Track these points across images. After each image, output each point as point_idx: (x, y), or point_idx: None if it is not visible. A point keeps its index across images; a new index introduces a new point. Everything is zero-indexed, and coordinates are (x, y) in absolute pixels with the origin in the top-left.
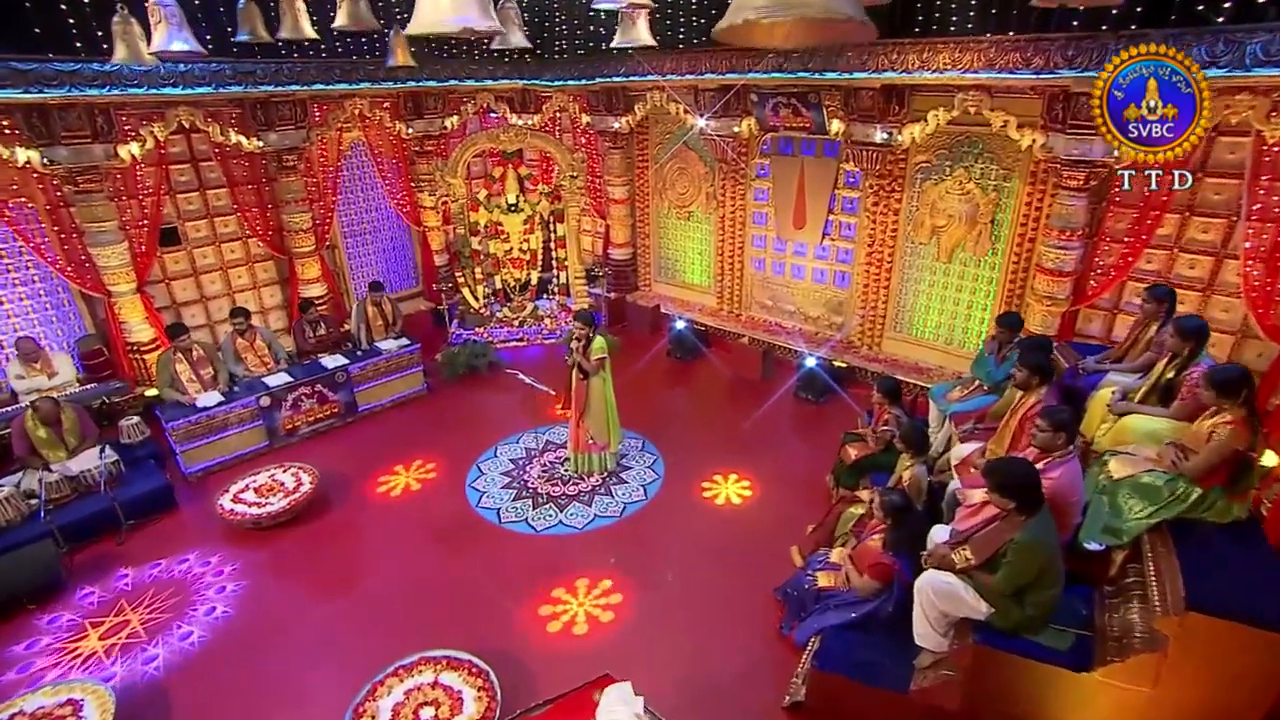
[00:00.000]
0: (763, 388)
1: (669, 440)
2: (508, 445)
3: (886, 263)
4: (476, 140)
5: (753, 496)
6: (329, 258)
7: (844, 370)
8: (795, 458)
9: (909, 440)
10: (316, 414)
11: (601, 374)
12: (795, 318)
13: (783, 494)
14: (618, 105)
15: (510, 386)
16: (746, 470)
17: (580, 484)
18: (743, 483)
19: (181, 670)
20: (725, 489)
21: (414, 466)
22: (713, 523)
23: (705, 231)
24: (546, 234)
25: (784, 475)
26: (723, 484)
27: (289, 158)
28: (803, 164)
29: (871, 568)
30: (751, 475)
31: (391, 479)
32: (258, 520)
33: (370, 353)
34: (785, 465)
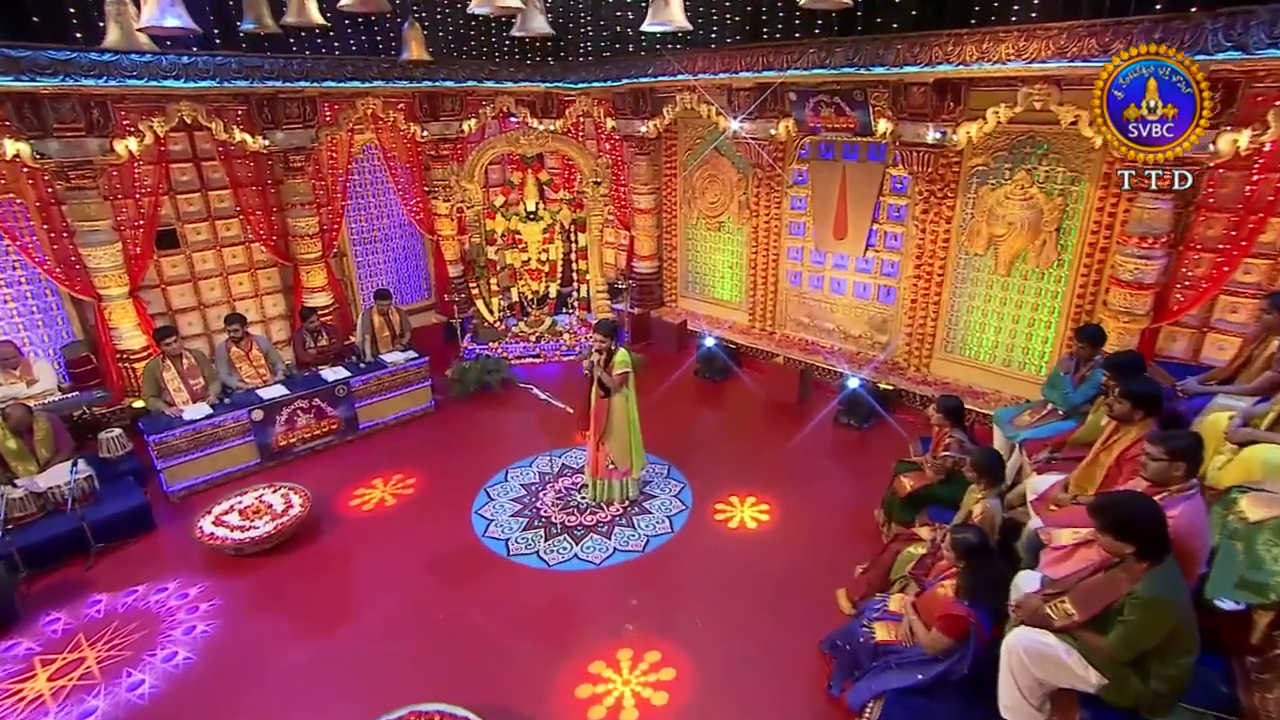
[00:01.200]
0: (800, 411)
1: (697, 467)
2: (519, 469)
3: (937, 276)
4: (495, 143)
5: (790, 532)
6: (336, 266)
7: (890, 393)
8: (838, 489)
9: (983, 468)
10: (313, 430)
11: (624, 391)
12: (834, 336)
13: (825, 529)
14: (645, 108)
15: (524, 405)
16: (783, 502)
17: (599, 514)
18: (779, 516)
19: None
20: (759, 522)
21: (416, 489)
22: (746, 560)
23: (737, 243)
24: (567, 245)
25: (825, 508)
26: (756, 516)
27: (296, 158)
28: (844, 169)
29: (942, 620)
30: (788, 508)
31: (388, 500)
32: (239, 546)
33: (374, 365)
34: (827, 497)
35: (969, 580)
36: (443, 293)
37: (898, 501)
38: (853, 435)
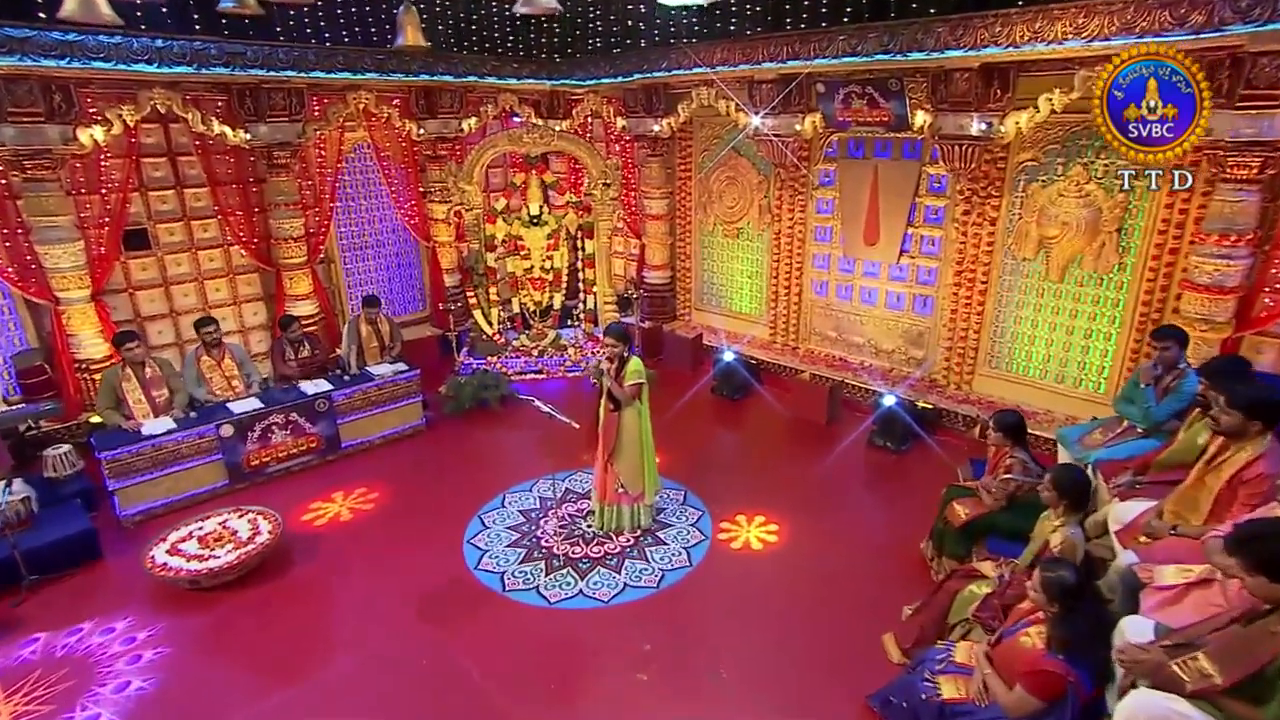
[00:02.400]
0: (829, 433)
1: (717, 492)
2: (518, 493)
3: (980, 284)
4: (496, 142)
5: (824, 567)
6: (323, 273)
7: (928, 412)
8: (875, 518)
9: (1066, 489)
10: (290, 449)
11: (636, 405)
12: (864, 351)
13: (862, 563)
14: (658, 105)
15: (525, 424)
16: (814, 533)
17: (607, 544)
18: (810, 549)
19: None
20: (786, 557)
21: (400, 515)
22: (775, 599)
23: (757, 251)
24: (573, 254)
25: (862, 539)
26: (785, 548)
27: (281, 154)
28: (876, 168)
29: (1030, 677)
30: (821, 539)
31: (369, 528)
32: (195, 579)
33: (360, 378)
34: (863, 527)
35: (1064, 629)
36: (438, 303)
37: (950, 532)
38: (889, 458)
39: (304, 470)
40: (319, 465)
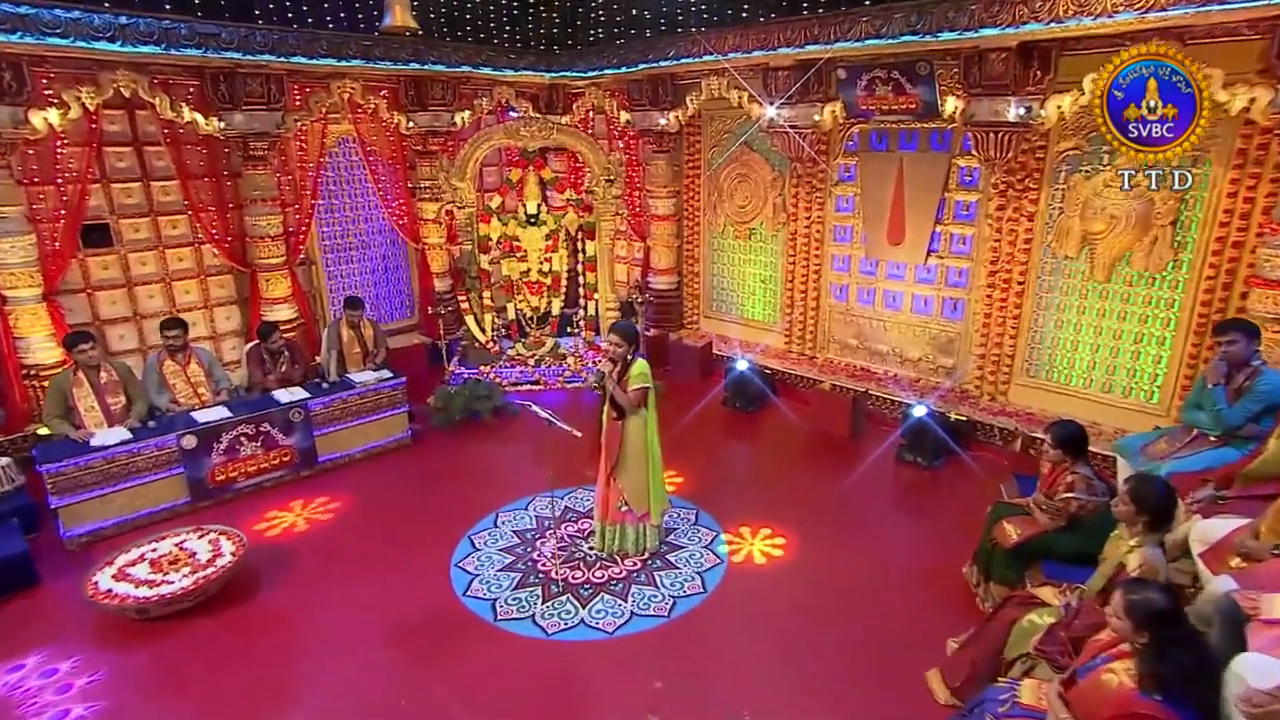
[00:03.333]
0: (853, 447)
1: (732, 511)
2: (512, 512)
3: (1016, 285)
4: (491, 135)
5: (855, 594)
6: (303, 276)
7: (962, 425)
8: (908, 539)
9: (1148, 502)
10: (260, 463)
11: (642, 413)
12: (889, 360)
13: (896, 589)
14: (665, 97)
15: (520, 437)
16: (842, 556)
17: (611, 568)
18: (838, 573)
19: None
20: (813, 582)
21: (381, 535)
22: (800, 629)
23: (771, 253)
24: (573, 261)
25: (894, 563)
26: (809, 575)
27: (258, 146)
28: (902, 161)
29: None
30: (848, 564)
31: (347, 543)
32: (144, 606)
33: (340, 386)
34: (895, 549)
35: (1159, 663)
36: (427, 309)
37: (1000, 555)
38: (920, 475)
39: (276, 486)
40: (293, 481)
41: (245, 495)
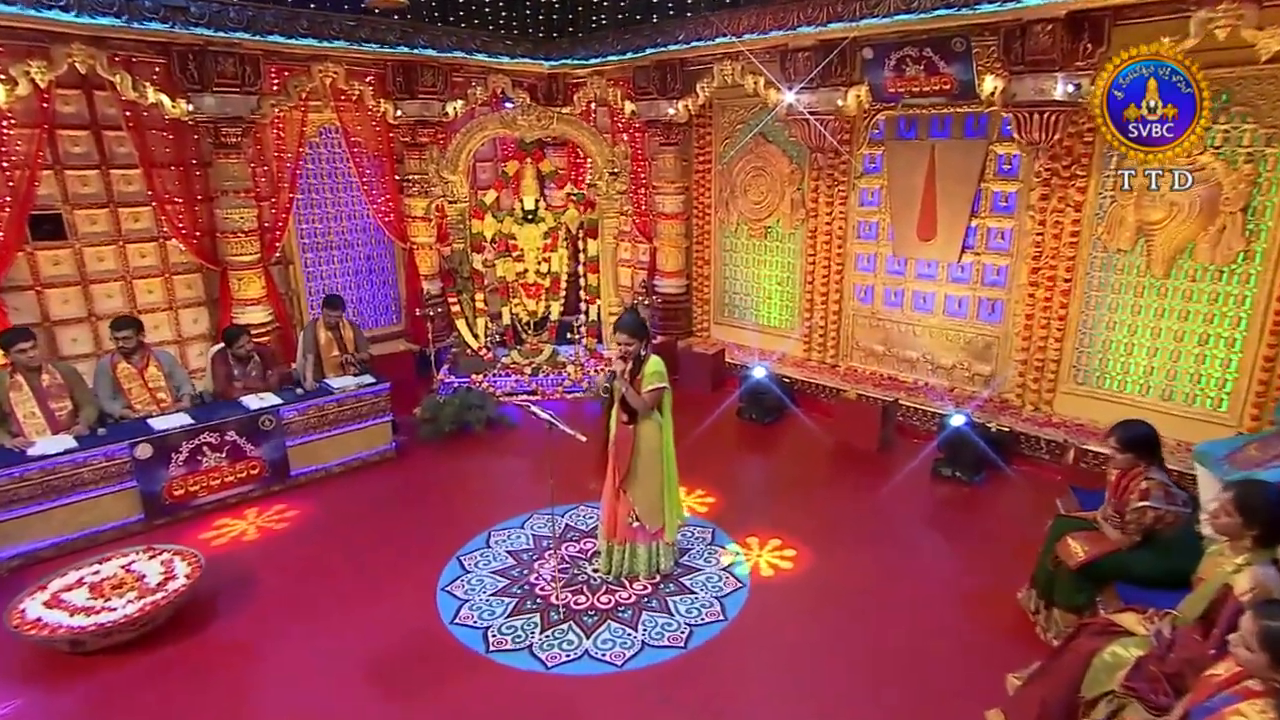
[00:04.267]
0: (883, 461)
1: (753, 530)
2: (506, 530)
3: (1062, 283)
4: (486, 124)
5: (895, 623)
6: (279, 276)
7: (1005, 437)
8: (951, 561)
9: (1255, 514)
10: (225, 476)
11: (656, 417)
12: (919, 368)
13: (944, 618)
14: (674, 85)
15: (516, 449)
16: (880, 581)
17: (618, 592)
18: (875, 599)
19: None
20: (849, 608)
21: (358, 556)
22: (834, 662)
23: (788, 253)
24: (573, 263)
25: (939, 588)
26: (845, 600)
27: (230, 133)
28: (933, 150)
29: None
30: (888, 589)
31: (320, 565)
32: (77, 638)
33: (317, 392)
34: (938, 572)
35: None
36: (415, 313)
37: (1065, 577)
38: (960, 491)
39: (242, 503)
40: (262, 496)
41: (207, 512)
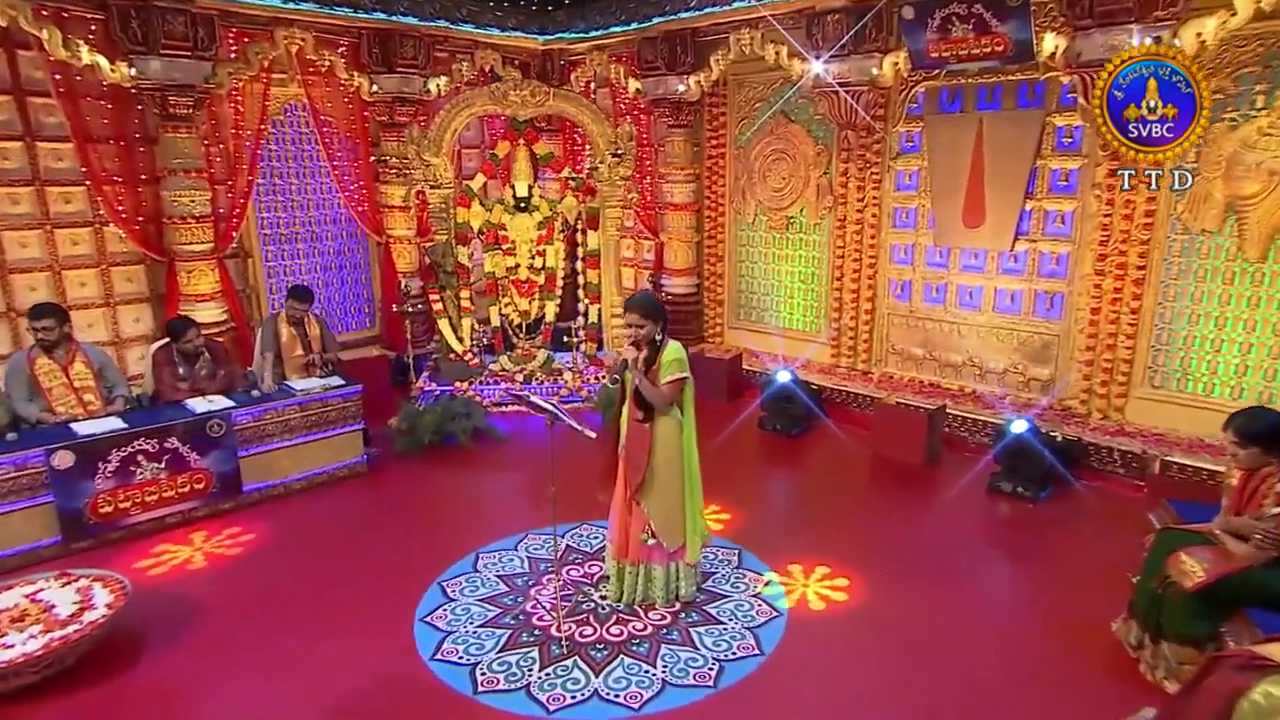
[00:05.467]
0: (931, 476)
1: (793, 556)
2: (496, 552)
3: (1134, 271)
4: (473, 100)
5: (964, 658)
6: (235, 270)
7: (1072, 447)
8: (1021, 588)
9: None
10: (164, 490)
11: (675, 413)
12: (965, 374)
13: (1023, 653)
14: (684, 59)
15: (506, 463)
16: (942, 611)
17: (631, 622)
18: (936, 630)
19: None
20: (904, 641)
21: (320, 581)
22: (899, 705)
23: (813, 246)
24: (569, 264)
25: (1012, 619)
26: (898, 630)
27: (180, 103)
28: (981, 124)
29: None
30: (953, 619)
31: (277, 594)
32: None
33: (276, 395)
34: (1008, 600)
35: None
36: (390, 313)
37: (1178, 602)
38: (1023, 508)
39: (185, 523)
40: (208, 516)
41: (141, 534)
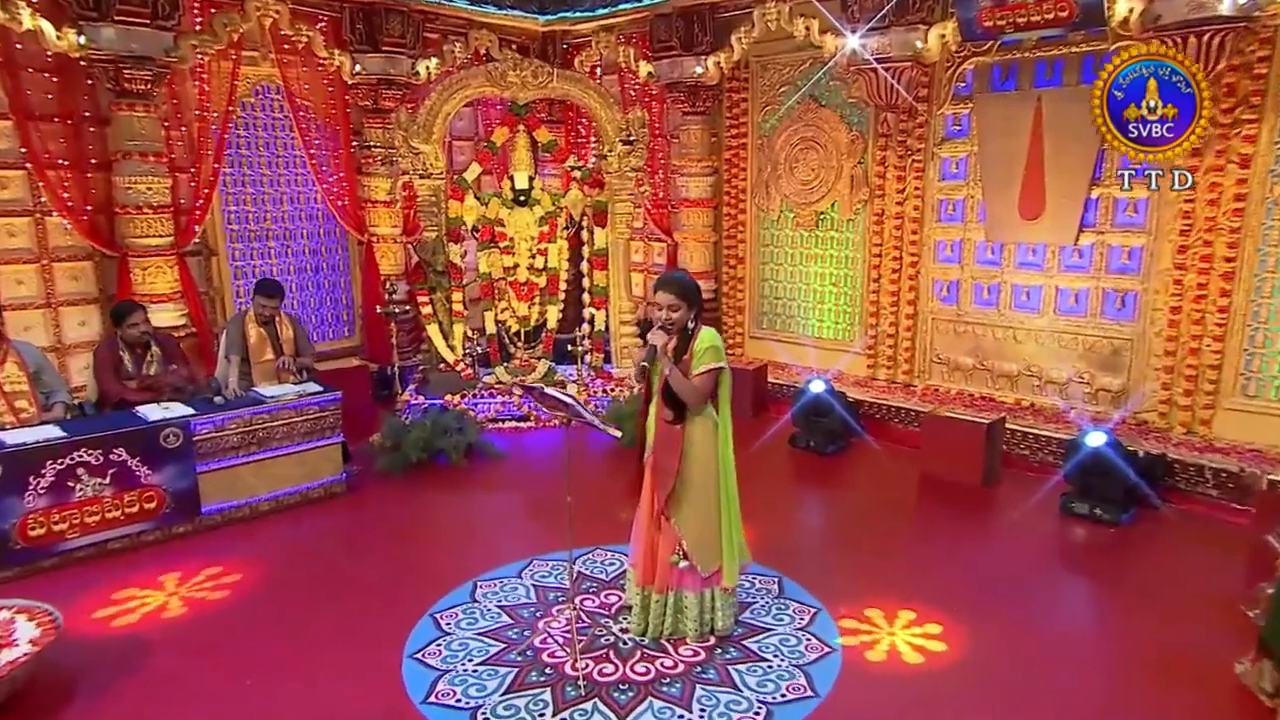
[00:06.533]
0: (989, 497)
1: (836, 580)
2: (497, 579)
3: (1223, 264)
4: (468, 81)
5: (1052, 705)
6: (197, 269)
7: (1155, 463)
8: (1120, 623)
9: None
10: (108, 510)
11: (711, 414)
12: (1021, 385)
13: (1132, 698)
14: (702, 38)
15: (504, 483)
16: (1017, 647)
17: (659, 659)
18: (1016, 671)
19: None
20: (980, 682)
21: (292, 612)
22: None
23: (846, 244)
24: (573, 268)
25: (1111, 659)
26: (969, 670)
27: (137, 78)
28: (1039, 103)
29: None
30: (1032, 658)
31: (246, 629)
32: None
33: (242, 402)
34: (1106, 639)
35: None
36: (372, 322)
37: None
38: (1103, 533)
39: (132, 549)
40: (160, 541)
41: (79, 561)
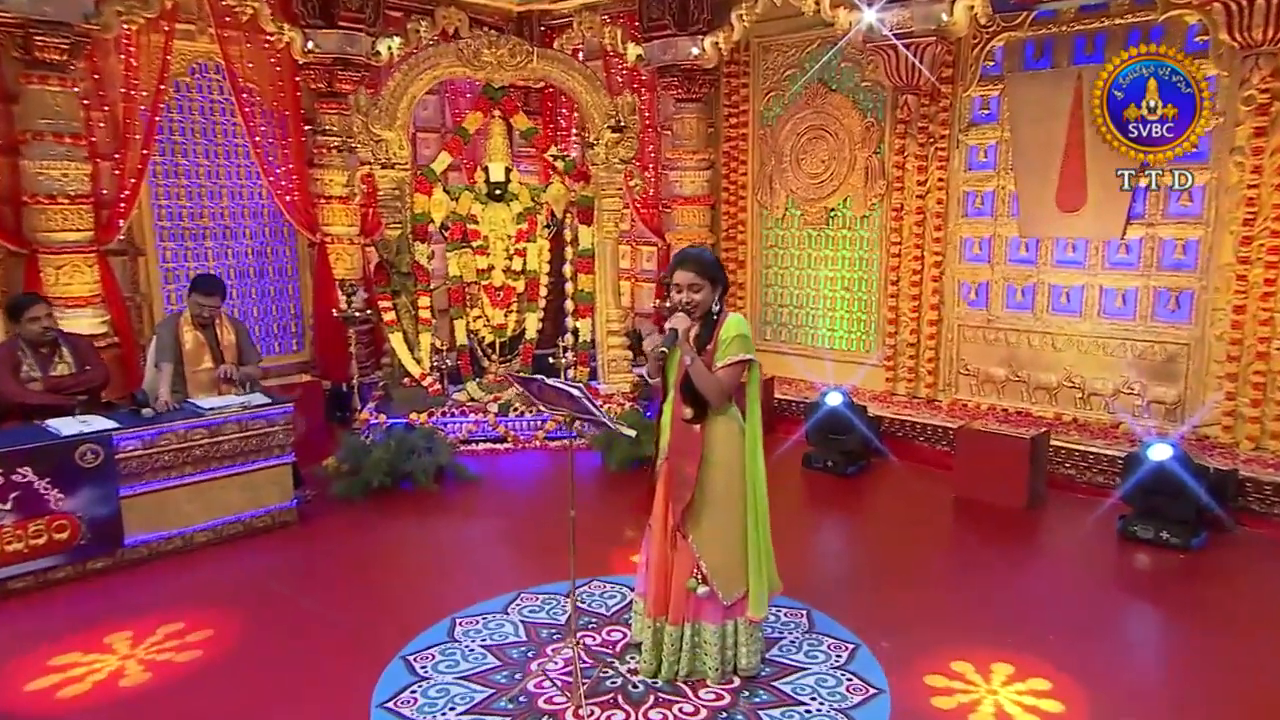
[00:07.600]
0: (1038, 522)
1: (874, 615)
2: (480, 615)
3: None
4: (437, 59)
5: None
6: (121, 271)
7: (1226, 481)
8: (1223, 662)
9: None
10: (9, 543)
11: (737, 414)
12: (1061, 398)
13: None
14: (698, 16)
15: (481, 508)
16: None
17: (677, 704)
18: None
19: None
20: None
21: (240, 657)
22: None
23: (861, 244)
24: (557, 262)
25: (1215, 706)
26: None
27: (51, 45)
28: (1079, 81)
29: None
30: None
31: (187, 685)
32: None
33: (175, 414)
34: (1211, 683)
35: None
36: (325, 334)
37: None
38: (1171, 559)
39: (39, 589)
40: (74, 579)
41: None
